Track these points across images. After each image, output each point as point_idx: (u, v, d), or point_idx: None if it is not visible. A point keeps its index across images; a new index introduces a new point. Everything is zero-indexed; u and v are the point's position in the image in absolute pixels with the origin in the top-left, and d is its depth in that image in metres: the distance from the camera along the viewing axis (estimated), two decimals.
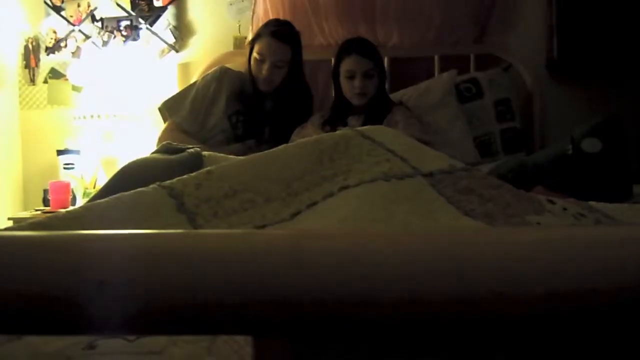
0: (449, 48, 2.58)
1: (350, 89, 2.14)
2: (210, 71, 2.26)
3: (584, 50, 2.53)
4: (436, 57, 2.55)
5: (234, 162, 0.95)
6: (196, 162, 1.15)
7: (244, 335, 0.43)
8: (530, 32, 2.61)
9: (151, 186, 0.83)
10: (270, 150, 0.97)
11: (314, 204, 0.83)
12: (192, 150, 1.16)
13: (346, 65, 2.15)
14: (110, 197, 0.84)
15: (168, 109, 2.18)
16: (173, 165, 1.14)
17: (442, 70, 2.51)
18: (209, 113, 2.13)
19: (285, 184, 0.87)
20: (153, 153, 1.28)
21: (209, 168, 0.91)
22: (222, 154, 1.28)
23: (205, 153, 1.19)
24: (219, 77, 2.17)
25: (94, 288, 0.44)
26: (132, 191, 0.83)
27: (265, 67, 2.08)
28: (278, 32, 2.12)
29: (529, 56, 2.56)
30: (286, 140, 1.91)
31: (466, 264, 0.43)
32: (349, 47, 2.20)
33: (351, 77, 2.13)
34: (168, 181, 0.84)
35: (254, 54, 2.11)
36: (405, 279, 0.43)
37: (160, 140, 2.10)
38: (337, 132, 1.05)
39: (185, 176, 0.87)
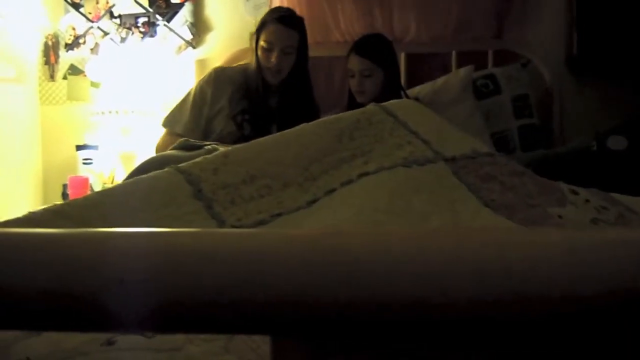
0: (466, 44, 2.56)
1: (352, 87, 2.18)
2: (204, 76, 2.16)
3: (605, 46, 2.49)
4: (453, 53, 2.53)
5: (251, 145, 0.93)
6: None
7: (262, 335, 0.43)
8: (549, 27, 2.57)
9: (166, 169, 0.82)
10: (289, 130, 0.93)
11: (332, 190, 0.82)
12: (209, 147, 1.16)
13: (348, 63, 2.19)
14: (127, 181, 0.83)
15: (169, 124, 2.13)
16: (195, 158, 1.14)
17: (459, 66, 2.49)
18: (212, 118, 2.05)
19: (302, 166, 0.85)
20: (171, 150, 1.28)
21: (225, 150, 0.89)
22: None
23: (222, 148, 1.19)
24: (214, 80, 2.08)
25: (113, 286, 0.44)
26: (148, 175, 0.82)
27: (274, 55, 1.99)
28: (284, 17, 2.03)
29: (548, 52, 2.53)
30: None
31: (488, 265, 0.43)
32: (352, 46, 2.22)
33: (352, 75, 2.16)
34: (185, 164, 0.83)
35: (261, 43, 2.01)
36: (426, 280, 0.43)
37: (158, 148, 2.04)
38: (359, 109, 1.02)
39: (201, 158, 0.86)
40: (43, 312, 0.45)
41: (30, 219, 0.72)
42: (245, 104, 2.04)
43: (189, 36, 2.69)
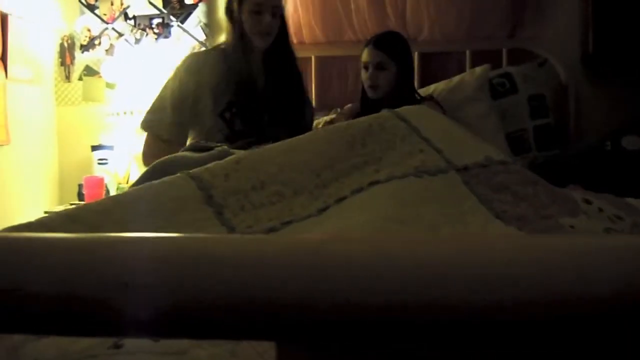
0: (480, 43, 2.55)
1: (364, 81, 2.16)
2: (180, 65, 1.89)
3: (622, 43, 2.46)
4: (468, 52, 2.52)
5: (263, 151, 0.93)
6: (226, 157, 1.14)
7: (267, 341, 0.43)
8: (564, 25, 2.54)
9: (178, 175, 0.82)
10: (301, 136, 0.92)
11: (343, 198, 0.82)
12: (220, 148, 1.16)
13: (362, 56, 2.17)
14: (139, 187, 0.84)
15: (150, 126, 1.89)
16: (202, 162, 1.14)
17: (473, 65, 2.48)
18: (196, 115, 1.81)
19: (314, 173, 0.85)
20: (183, 151, 1.28)
21: (237, 156, 0.90)
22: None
23: (233, 150, 1.19)
24: (195, 72, 1.83)
25: (119, 290, 0.45)
26: (159, 181, 0.82)
27: (266, 16, 1.78)
28: None
29: (563, 50, 2.50)
30: (287, 122, 1.77)
31: (491, 270, 0.42)
32: (369, 40, 2.21)
33: (365, 67, 2.15)
34: (197, 169, 0.83)
35: (249, 8, 1.78)
36: (429, 285, 0.43)
37: (146, 155, 1.86)
38: (372, 115, 1.01)
39: (213, 164, 0.86)
40: (47, 317, 0.46)
41: (42, 223, 0.73)
42: (231, 95, 1.81)
43: (202, 37, 2.70)
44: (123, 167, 2.57)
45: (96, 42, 2.73)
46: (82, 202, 2.52)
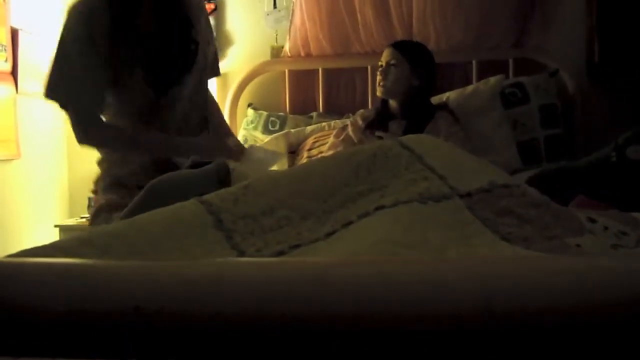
0: (487, 53, 2.55)
1: (377, 82, 2.20)
2: (71, 17, 1.57)
3: (627, 51, 2.46)
4: (474, 62, 2.53)
5: (271, 176, 0.95)
6: (224, 172, 1.16)
7: None
8: (570, 33, 2.55)
9: (190, 200, 0.85)
10: (308, 162, 0.94)
11: (349, 223, 0.83)
12: (220, 161, 1.18)
13: (381, 59, 2.21)
14: (152, 212, 0.85)
15: (63, 96, 1.58)
16: (198, 179, 1.15)
17: (480, 75, 2.49)
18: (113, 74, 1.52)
19: (321, 199, 0.87)
20: (185, 169, 1.29)
21: (245, 182, 0.92)
22: (249, 169, 1.25)
23: (231, 164, 1.21)
24: (91, 18, 1.51)
25: (129, 314, 0.47)
26: (172, 206, 0.84)
27: None
28: None
29: (569, 59, 2.51)
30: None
31: (489, 289, 0.45)
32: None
33: (380, 66, 2.19)
34: (207, 195, 0.85)
35: None
36: (442, 301, 0.45)
37: (80, 136, 1.56)
38: (376, 143, 1.05)
39: (222, 190, 0.88)
40: (60, 340, 0.48)
41: (56, 246, 0.75)
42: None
43: None
44: None
45: None
46: None
